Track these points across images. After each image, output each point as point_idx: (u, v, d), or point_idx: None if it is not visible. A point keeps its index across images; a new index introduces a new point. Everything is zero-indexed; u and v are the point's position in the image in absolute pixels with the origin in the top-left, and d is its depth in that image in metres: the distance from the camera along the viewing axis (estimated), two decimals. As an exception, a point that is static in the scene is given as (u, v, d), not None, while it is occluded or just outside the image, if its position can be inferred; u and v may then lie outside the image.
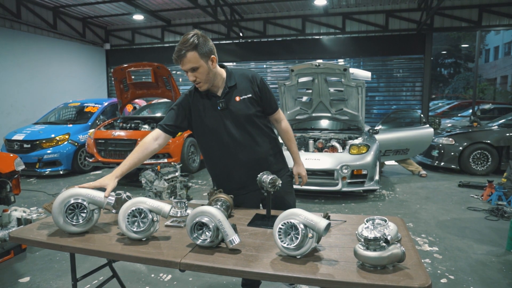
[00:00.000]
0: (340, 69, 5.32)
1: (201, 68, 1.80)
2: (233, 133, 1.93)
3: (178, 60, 1.80)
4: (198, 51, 1.77)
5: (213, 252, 1.47)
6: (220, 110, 1.91)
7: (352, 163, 5.11)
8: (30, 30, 10.02)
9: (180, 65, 1.81)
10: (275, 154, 2.09)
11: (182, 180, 4.87)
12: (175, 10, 10.97)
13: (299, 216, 1.41)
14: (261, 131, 2.01)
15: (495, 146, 6.74)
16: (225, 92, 1.92)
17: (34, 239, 1.66)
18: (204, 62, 1.80)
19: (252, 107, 1.94)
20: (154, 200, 1.65)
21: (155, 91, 7.04)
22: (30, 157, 6.78)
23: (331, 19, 10.86)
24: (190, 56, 1.76)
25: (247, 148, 1.96)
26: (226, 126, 1.92)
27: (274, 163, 2.06)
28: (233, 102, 1.92)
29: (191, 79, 1.84)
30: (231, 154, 1.97)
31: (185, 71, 1.84)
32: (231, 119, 1.92)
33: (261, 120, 2.01)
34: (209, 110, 1.93)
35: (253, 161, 1.98)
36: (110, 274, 2.26)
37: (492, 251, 3.47)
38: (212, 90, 1.94)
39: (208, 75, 1.84)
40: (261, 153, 2.00)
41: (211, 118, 1.93)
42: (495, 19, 9.78)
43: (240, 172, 2.00)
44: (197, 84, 1.87)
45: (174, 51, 1.79)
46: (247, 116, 1.93)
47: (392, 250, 1.28)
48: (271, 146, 2.05)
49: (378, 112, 11.02)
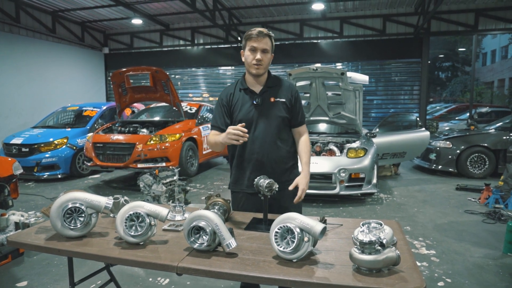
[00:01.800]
0: (338, 73, 5.35)
1: (268, 54, 2.01)
2: (259, 129, 2.04)
3: (258, 37, 1.95)
4: (271, 42, 2.02)
5: (210, 256, 1.48)
6: (254, 105, 2.04)
7: (350, 166, 5.13)
8: (29, 34, 10.04)
9: (255, 42, 1.96)
10: (290, 165, 2.13)
11: (180, 184, 4.88)
12: (173, 15, 11.01)
13: (295, 220, 1.43)
14: (284, 137, 2.10)
15: (492, 149, 6.77)
16: (263, 90, 2.07)
17: (32, 243, 1.67)
18: (271, 52, 2.03)
19: (283, 111, 2.06)
20: (152, 204, 1.66)
21: (153, 95, 7.06)
22: (29, 161, 6.77)
23: (329, 23, 10.93)
24: (267, 40, 1.98)
25: (267, 147, 2.05)
26: (255, 121, 2.04)
27: (287, 172, 2.11)
28: (267, 101, 2.06)
29: (257, 57, 1.96)
30: (251, 149, 2.06)
31: (253, 50, 1.97)
32: (262, 116, 2.05)
33: (286, 128, 2.11)
34: (245, 104, 2.06)
35: (268, 161, 2.05)
36: (108, 278, 2.27)
37: (489, 254, 3.49)
38: (252, 87, 2.08)
39: (268, 63, 2.03)
40: (278, 156, 2.07)
41: (245, 112, 2.06)
42: (491, 23, 9.86)
43: (254, 168, 2.06)
44: (257, 65, 1.99)
45: (253, 30, 1.97)
46: (277, 117, 2.05)
47: (387, 254, 1.30)
48: (288, 155, 2.12)
49: (376, 115, 11.05)
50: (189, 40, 12.14)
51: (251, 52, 1.98)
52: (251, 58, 1.98)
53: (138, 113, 8.36)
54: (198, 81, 12.62)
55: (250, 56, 1.98)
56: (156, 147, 6.18)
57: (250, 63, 1.99)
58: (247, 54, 2.00)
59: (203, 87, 12.60)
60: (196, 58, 12.22)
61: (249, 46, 1.97)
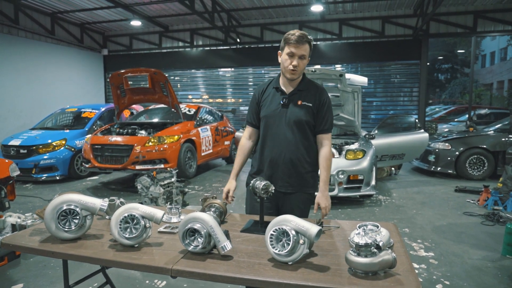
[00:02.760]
0: (336, 75, 5.35)
1: (305, 60, 2.01)
2: (281, 128, 2.06)
3: (298, 42, 1.94)
4: (310, 47, 2.01)
5: (205, 258, 1.47)
6: (280, 104, 2.07)
7: (349, 168, 5.12)
8: (28, 36, 10.04)
9: (294, 47, 1.95)
10: (308, 170, 2.09)
11: (179, 186, 4.86)
12: (172, 16, 11.02)
13: (290, 222, 1.41)
14: (306, 141, 2.08)
15: (491, 151, 6.77)
16: (293, 92, 2.08)
17: (26, 246, 1.65)
18: (308, 58, 2.02)
19: (308, 116, 2.05)
20: (147, 206, 1.65)
21: (152, 96, 7.05)
22: (27, 163, 6.75)
23: (328, 25, 10.94)
24: (306, 46, 1.97)
25: (286, 147, 2.05)
26: (278, 119, 2.07)
27: (303, 177, 2.08)
28: (294, 103, 2.07)
29: (294, 63, 1.97)
30: (271, 146, 2.08)
31: (291, 55, 1.96)
32: (285, 116, 2.06)
33: (309, 133, 2.09)
34: (273, 103, 2.10)
35: (283, 161, 2.05)
36: (103, 280, 2.25)
37: (487, 256, 3.47)
38: (284, 87, 2.10)
39: (304, 68, 2.05)
40: (295, 159, 2.05)
41: (271, 109, 2.09)
42: (490, 25, 9.87)
43: (269, 165, 2.07)
44: (293, 70, 1.99)
45: (293, 33, 1.95)
46: (300, 120, 2.04)
47: (383, 256, 1.28)
48: (307, 160, 2.08)
49: (375, 117, 11.06)
50: (188, 41, 12.14)
51: (289, 57, 1.97)
52: (288, 63, 1.98)
53: (137, 114, 8.34)
54: (198, 82, 12.62)
55: (287, 60, 1.98)
56: (154, 148, 6.17)
57: (286, 67, 2.00)
58: (284, 58, 2.00)
59: (202, 89, 12.59)
60: (195, 60, 12.22)
61: (288, 50, 1.96)
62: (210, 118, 8.23)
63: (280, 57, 2.05)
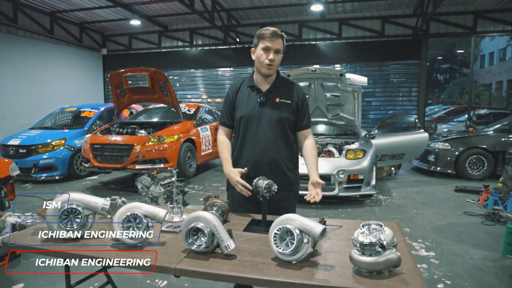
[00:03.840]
0: (336, 74, 5.34)
1: (280, 55, 2.01)
2: (260, 127, 2.03)
3: (273, 36, 1.95)
4: (284, 42, 2.01)
5: (208, 257, 1.47)
6: (258, 103, 2.04)
7: (349, 168, 5.11)
8: (27, 35, 10.01)
9: (269, 42, 1.95)
10: (291, 168, 2.10)
11: (179, 185, 4.85)
12: (172, 16, 11.00)
13: (294, 221, 1.41)
14: (286, 139, 2.07)
15: (491, 151, 6.77)
16: (270, 90, 2.06)
17: (28, 245, 1.65)
18: (282, 52, 2.02)
19: (287, 113, 2.04)
20: (149, 206, 1.64)
21: (151, 96, 7.03)
22: (26, 162, 6.72)
23: (328, 24, 10.93)
24: (280, 40, 1.98)
25: (266, 147, 2.03)
26: (257, 119, 2.04)
27: (287, 174, 2.07)
28: (272, 101, 2.04)
29: (270, 57, 1.96)
30: (251, 146, 2.05)
31: (266, 49, 1.96)
32: (264, 115, 2.03)
33: (289, 130, 2.08)
34: (250, 101, 2.07)
35: (266, 161, 2.03)
36: (105, 280, 2.24)
37: (488, 256, 3.47)
38: (260, 85, 2.07)
39: (279, 63, 2.03)
40: (278, 157, 2.04)
41: (248, 109, 2.06)
42: (489, 25, 9.88)
43: (251, 167, 2.04)
44: (269, 65, 1.98)
45: (266, 29, 1.98)
46: (280, 118, 2.03)
47: (388, 255, 1.28)
48: (289, 158, 2.09)
49: (374, 117, 11.05)
50: (188, 41, 12.12)
51: (264, 52, 1.97)
52: (264, 57, 1.97)
53: (136, 114, 8.33)
54: (197, 82, 12.60)
55: (263, 55, 1.97)
56: (154, 148, 6.15)
57: (262, 62, 1.98)
58: (259, 53, 1.98)
59: (201, 88, 12.58)
60: (195, 59, 12.20)
61: (263, 45, 1.96)
62: (210, 117, 8.22)
63: (253, 54, 2.03)
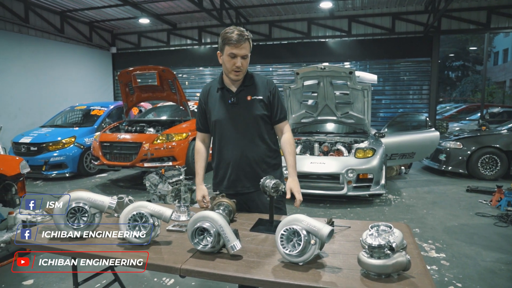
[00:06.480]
0: (346, 72, 5.28)
1: (247, 59, 1.94)
2: (236, 128, 2.00)
3: (239, 41, 1.85)
4: (250, 44, 1.93)
5: (214, 257, 1.45)
6: (230, 104, 1.99)
7: (358, 167, 5.06)
8: (38, 34, 10.15)
9: (235, 48, 1.86)
10: (272, 164, 2.07)
11: (187, 183, 4.86)
12: (180, 14, 11.02)
13: (301, 222, 1.38)
14: (264, 136, 2.03)
15: (504, 151, 6.62)
16: (240, 89, 2.01)
17: (35, 243, 1.65)
18: (249, 56, 1.95)
19: (261, 109, 2.00)
20: (156, 205, 1.64)
21: (160, 94, 7.06)
22: (37, 160, 6.82)
23: (337, 22, 10.83)
24: (247, 44, 1.89)
25: (245, 147, 2.00)
26: (231, 120, 2.00)
27: (269, 171, 2.03)
28: (244, 100, 2.00)
29: (237, 64, 1.89)
30: (230, 149, 2.02)
31: (233, 56, 1.88)
32: (238, 115, 1.99)
33: (266, 126, 2.04)
34: (221, 103, 2.02)
35: (247, 161, 2.00)
36: (112, 278, 2.25)
37: (501, 259, 3.40)
38: (229, 86, 2.02)
39: (247, 67, 1.97)
40: (258, 156, 2.01)
41: (220, 111, 2.01)
42: (504, 21, 9.66)
43: (233, 169, 2.03)
44: (237, 71, 1.92)
45: (232, 32, 1.85)
46: (254, 116, 1.99)
47: (397, 258, 1.25)
48: (269, 154, 2.06)
49: (384, 115, 10.93)
50: (196, 39, 12.15)
51: (231, 58, 1.89)
52: (231, 64, 1.89)
53: (145, 112, 8.38)
54: (206, 80, 12.61)
55: (230, 62, 1.89)
56: (162, 146, 6.18)
57: (229, 69, 1.91)
58: (226, 59, 1.90)
59: (210, 87, 12.59)
60: (203, 58, 12.22)
61: (229, 51, 1.87)
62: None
63: (220, 58, 1.95)
